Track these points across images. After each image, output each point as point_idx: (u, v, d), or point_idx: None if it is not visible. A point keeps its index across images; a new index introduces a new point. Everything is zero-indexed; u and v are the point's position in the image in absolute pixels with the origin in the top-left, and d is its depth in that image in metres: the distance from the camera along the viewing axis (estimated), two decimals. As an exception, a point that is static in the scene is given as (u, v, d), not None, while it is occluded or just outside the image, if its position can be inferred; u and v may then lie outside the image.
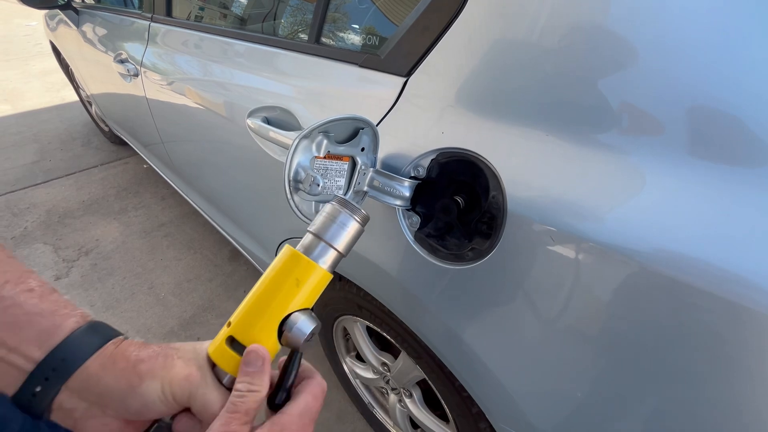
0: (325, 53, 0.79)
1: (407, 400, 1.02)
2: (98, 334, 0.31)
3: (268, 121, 0.85)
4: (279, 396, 0.33)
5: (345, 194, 0.59)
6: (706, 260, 0.39)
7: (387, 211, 0.66)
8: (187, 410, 0.33)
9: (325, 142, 0.52)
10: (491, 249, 0.54)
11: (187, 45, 1.22)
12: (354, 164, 0.58)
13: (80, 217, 2.18)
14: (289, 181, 0.50)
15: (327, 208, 0.41)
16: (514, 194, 0.51)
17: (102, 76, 1.86)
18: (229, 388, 0.33)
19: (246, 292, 0.37)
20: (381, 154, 0.64)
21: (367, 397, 1.21)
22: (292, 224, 0.96)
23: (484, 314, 0.58)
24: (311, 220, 0.55)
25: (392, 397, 1.08)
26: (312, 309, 0.37)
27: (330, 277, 0.38)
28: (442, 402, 0.84)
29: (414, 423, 1.06)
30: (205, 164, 1.32)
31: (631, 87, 0.44)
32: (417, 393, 1.00)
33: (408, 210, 0.63)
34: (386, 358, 1.02)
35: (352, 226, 0.40)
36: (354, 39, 0.83)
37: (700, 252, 0.39)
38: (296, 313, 0.35)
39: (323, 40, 0.84)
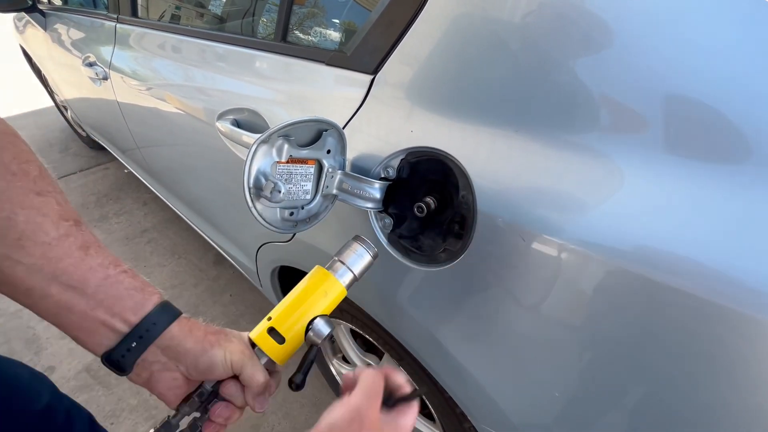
0: (291, 52, 0.76)
1: (394, 401, 1.01)
2: (172, 308, 0.41)
3: (237, 124, 0.82)
4: (297, 377, 0.44)
5: (312, 199, 0.57)
6: (685, 259, 0.38)
7: (360, 213, 0.64)
8: (233, 378, 0.43)
9: (286, 146, 0.50)
10: (463, 250, 0.53)
11: (155, 46, 1.17)
12: (321, 167, 0.56)
13: (60, 226, 2.13)
14: (249, 189, 0.48)
15: (351, 243, 0.53)
16: (484, 193, 0.50)
17: (73, 79, 1.80)
18: (267, 368, 0.44)
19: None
20: (350, 155, 0.62)
21: (355, 398, 1.20)
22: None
23: (460, 316, 0.57)
24: (277, 227, 0.53)
25: (380, 398, 1.07)
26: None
27: (345, 293, 0.51)
28: (427, 402, 0.83)
29: (402, 423, 1.05)
30: (183, 169, 1.28)
31: (606, 81, 0.42)
32: (403, 393, 0.99)
33: (380, 212, 0.61)
34: (371, 360, 1.01)
35: (366, 258, 0.53)
36: (320, 36, 0.81)
37: (679, 251, 0.38)
38: (319, 317, 0.46)
39: (290, 38, 0.81)
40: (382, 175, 0.60)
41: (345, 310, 0.88)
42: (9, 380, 0.59)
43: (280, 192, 0.48)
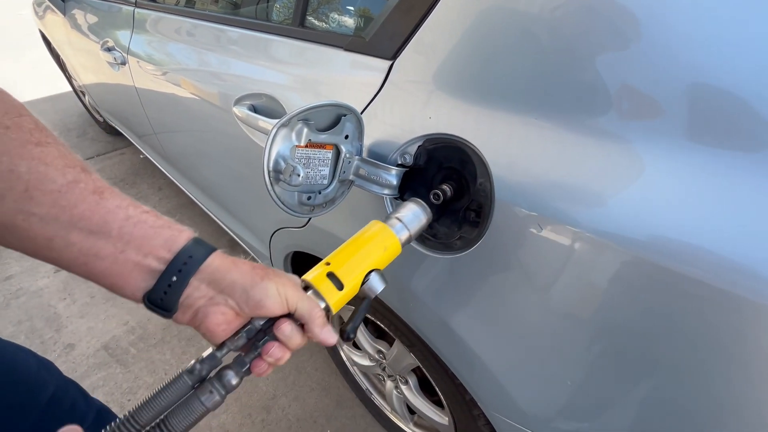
0: (308, 37, 0.76)
1: (403, 387, 1.03)
2: (206, 244, 0.38)
3: (254, 109, 0.83)
4: (348, 327, 0.45)
5: (329, 184, 0.57)
6: (704, 249, 0.37)
7: (375, 200, 0.65)
8: (287, 317, 0.40)
9: (305, 130, 0.50)
10: (479, 237, 0.53)
11: (172, 31, 1.18)
12: (338, 153, 0.56)
13: (78, 209, 2.18)
14: (269, 172, 0.49)
15: (408, 203, 0.53)
16: (502, 181, 0.49)
17: (91, 64, 1.82)
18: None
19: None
20: (367, 141, 0.62)
21: (365, 383, 1.22)
22: (284, 215, 0.94)
23: (473, 304, 0.57)
24: (294, 211, 0.54)
25: (389, 384, 1.08)
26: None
27: (400, 251, 0.50)
28: (437, 389, 0.84)
29: (411, 409, 1.07)
30: (198, 154, 1.30)
31: (629, 67, 0.41)
32: (413, 380, 1.01)
33: (396, 198, 0.62)
34: (381, 346, 1.02)
35: (422, 219, 0.52)
36: (339, 21, 0.80)
37: (698, 241, 0.38)
38: (375, 271, 0.46)
39: (308, 23, 0.81)
40: (399, 162, 0.60)
41: (356, 296, 0.89)
42: (17, 370, 0.61)
43: (299, 176, 0.49)
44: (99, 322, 1.59)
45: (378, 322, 0.90)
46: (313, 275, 0.43)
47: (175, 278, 0.35)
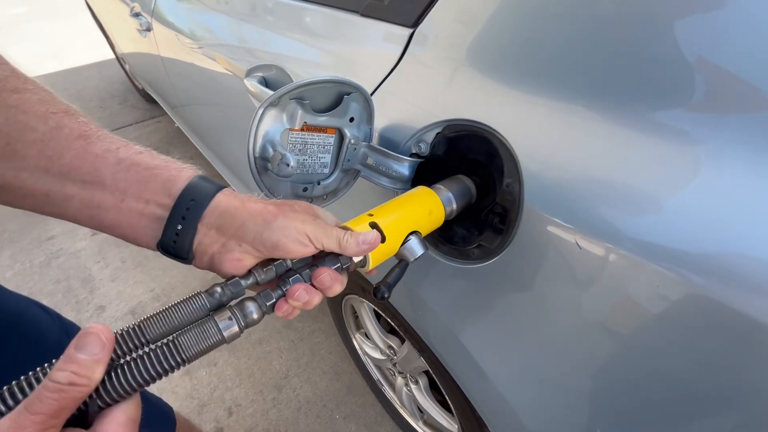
0: (322, 0, 0.67)
1: (413, 386, 0.97)
2: (211, 182, 0.34)
3: (265, 82, 0.76)
4: (382, 287, 0.41)
5: (331, 173, 0.50)
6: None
7: (384, 194, 0.57)
8: (325, 266, 0.35)
9: (299, 111, 0.42)
10: (501, 249, 0.44)
11: (194, -5, 1.12)
12: (342, 137, 0.48)
13: (115, 175, 2.25)
14: (255, 159, 0.42)
15: (458, 177, 0.48)
16: (534, 182, 0.40)
17: (125, 31, 1.82)
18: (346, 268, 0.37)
19: None
20: (379, 123, 0.54)
21: (376, 374, 1.18)
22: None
23: (487, 320, 0.49)
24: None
25: (399, 380, 1.03)
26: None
27: (441, 223, 0.46)
28: (448, 400, 0.78)
29: (421, 408, 1.02)
30: (223, 129, 1.26)
31: (712, 46, 0.30)
32: (423, 381, 0.95)
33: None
34: (392, 342, 0.97)
35: (468, 196, 0.48)
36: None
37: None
38: (415, 235, 0.42)
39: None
40: (413, 151, 0.51)
41: (367, 291, 0.83)
42: (37, 335, 0.60)
43: (288, 165, 0.41)
44: (128, 287, 1.65)
45: (389, 320, 0.84)
46: (353, 223, 0.39)
47: (180, 226, 0.32)
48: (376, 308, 0.87)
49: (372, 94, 0.55)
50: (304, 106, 0.42)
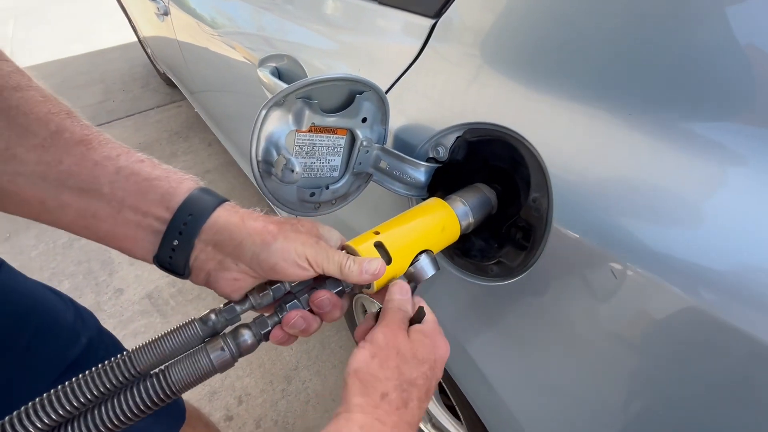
0: (340, -15, 0.63)
1: (423, 389, 0.95)
2: (213, 195, 0.33)
3: (278, 73, 0.72)
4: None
5: (340, 178, 0.46)
6: None
7: (397, 199, 0.53)
8: (322, 288, 0.34)
9: (306, 111, 0.39)
10: (523, 269, 0.40)
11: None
12: (353, 138, 0.45)
13: (136, 159, 2.28)
14: (258, 163, 0.39)
15: (476, 187, 0.44)
16: (564, 198, 0.35)
17: (146, 15, 1.81)
18: (345, 289, 0.35)
19: None
20: (394, 123, 0.50)
21: (386, 372, 1.16)
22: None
23: (502, 344, 0.45)
24: (293, 210, 0.44)
25: (409, 381, 1.01)
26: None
27: (456, 239, 0.42)
28: (453, 402, 0.75)
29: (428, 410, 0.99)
30: (239, 118, 1.24)
31: (750, 48, 0.25)
32: (434, 385, 0.92)
33: (423, 200, 0.49)
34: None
35: (488, 207, 0.43)
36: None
37: None
38: (426, 254, 0.39)
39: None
40: (431, 155, 0.47)
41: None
42: (51, 323, 0.60)
43: (293, 171, 0.38)
44: (145, 272, 1.68)
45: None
46: (358, 242, 0.37)
47: (176, 241, 0.31)
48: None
49: (388, 91, 0.51)
50: (311, 106, 0.39)
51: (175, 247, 0.31)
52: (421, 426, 1.06)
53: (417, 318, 0.36)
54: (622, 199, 0.33)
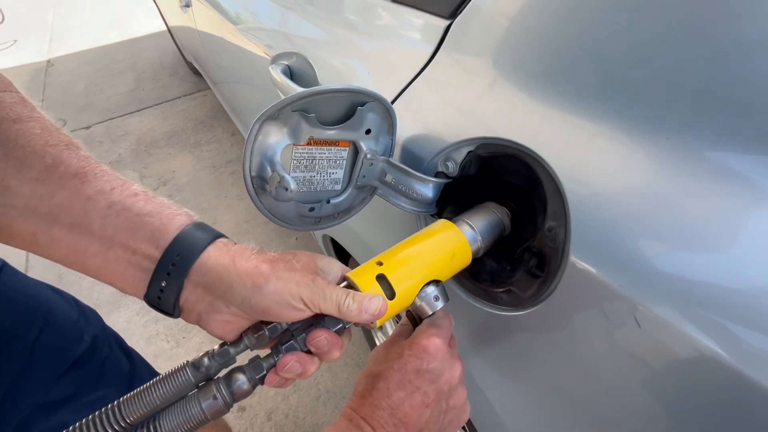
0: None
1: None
2: (206, 231, 0.32)
3: (290, 72, 0.70)
4: None
5: (343, 191, 0.44)
6: None
7: (403, 215, 0.50)
8: (321, 326, 0.32)
9: (303, 125, 0.36)
10: (535, 302, 0.36)
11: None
12: (357, 150, 0.42)
13: (162, 148, 2.34)
14: (252, 179, 0.37)
15: (485, 207, 0.41)
16: (584, 231, 0.31)
17: (172, 5, 1.82)
18: (344, 325, 0.33)
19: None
20: (403, 133, 0.46)
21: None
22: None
23: (508, 376, 0.42)
24: (291, 225, 0.42)
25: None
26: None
27: (467, 265, 0.39)
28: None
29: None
30: (257, 112, 1.23)
31: None
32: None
33: (431, 216, 0.46)
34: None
35: (498, 230, 0.40)
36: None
37: None
38: (434, 285, 0.36)
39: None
40: (440, 170, 0.43)
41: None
42: (56, 320, 0.61)
43: (287, 189, 0.36)
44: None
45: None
46: (359, 275, 0.34)
47: (164, 282, 0.30)
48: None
49: (396, 99, 0.48)
50: (308, 120, 0.36)
51: (164, 288, 0.31)
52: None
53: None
54: (653, 235, 0.28)
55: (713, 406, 0.26)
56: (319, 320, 0.33)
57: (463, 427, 0.71)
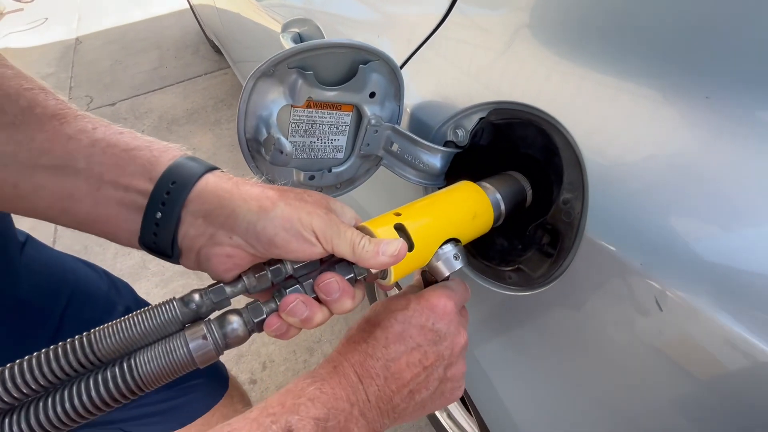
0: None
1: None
2: (200, 162, 0.29)
3: (301, 39, 0.67)
4: None
5: (345, 160, 0.41)
6: None
7: (408, 186, 0.47)
8: (330, 269, 0.30)
9: (300, 82, 0.34)
10: (545, 281, 0.33)
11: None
12: (361, 116, 0.39)
13: (183, 125, 2.37)
14: (246, 142, 0.35)
15: (509, 175, 0.39)
16: (603, 207, 0.28)
17: (191, -21, 1.80)
18: (358, 277, 0.31)
19: None
20: (412, 99, 0.43)
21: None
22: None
23: (514, 359, 0.40)
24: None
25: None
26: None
27: (487, 230, 0.37)
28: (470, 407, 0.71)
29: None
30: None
31: None
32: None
33: (439, 188, 0.44)
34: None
35: (522, 196, 0.38)
36: None
37: None
38: (453, 243, 0.33)
39: None
40: (449, 138, 0.40)
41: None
42: (85, 292, 0.61)
43: (282, 152, 0.34)
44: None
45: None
46: (375, 223, 0.31)
47: (159, 214, 0.27)
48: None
49: (407, 61, 0.44)
50: (306, 78, 0.33)
51: (159, 222, 0.27)
52: (436, 413, 1.04)
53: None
54: (684, 211, 0.25)
55: (741, 400, 0.23)
56: (329, 268, 0.30)
57: (468, 410, 0.70)
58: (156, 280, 1.59)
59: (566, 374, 0.34)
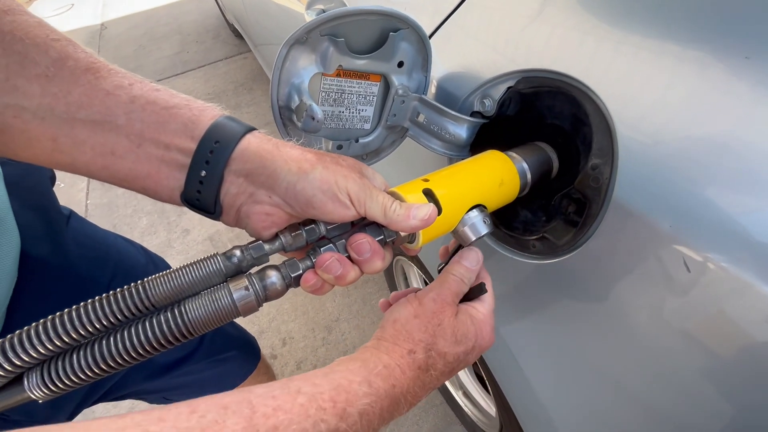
0: None
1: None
2: (239, 122, 0.30)
3: (325, 16, 0.67)
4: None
5: (372, 130, 0.42)
6: None
7: (431, 157, 0.48)
8: (362, 231, 0.31)
9: (331, 50, 0.34)
10: (570, 248, 0.34)
11: None
12: (388, 86, 0.40)
13: (205, 109, 2.40)
14: (279, 109, 0.36)
15: (535, 144, 0.39)
16: (632, 167, 0.28)
17: (213, -39, 1.81)
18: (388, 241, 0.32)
19: None
20: (438, 70, 0.44)
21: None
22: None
23: (537, 329, 0.41)
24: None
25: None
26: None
27: (513, 199, 0.38)
28: (484, 376, 0.72)
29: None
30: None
31: None
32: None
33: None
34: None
35: (548, 166, 0.38)
36: None
37: None
38: (479, 209, 0.34)
39: None
40: (476, 108, 0.41)
41: (419, 258, 0.77)
42: (126, 265, 0.64)
43: (314, 118, 0.35)
44: (208, 216, 1.81)
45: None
46: (404, 189, 0.32)
47: (204, 172, 0.28)
48: (425, 277, 0.82)
49: (435, 32, 0.44)
50: (338, 45, 0.34)
51: (203, 180, 0.28)
52: (452, 392, 1.05)
53: (474, 294, 0.34)
54: (715, 177, 0.25)
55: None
56: (359, 230, 0.31)
57: (486, 389, 0.71)
58: (181, 258, 1.65)
59: (592, 339, 0.35)
